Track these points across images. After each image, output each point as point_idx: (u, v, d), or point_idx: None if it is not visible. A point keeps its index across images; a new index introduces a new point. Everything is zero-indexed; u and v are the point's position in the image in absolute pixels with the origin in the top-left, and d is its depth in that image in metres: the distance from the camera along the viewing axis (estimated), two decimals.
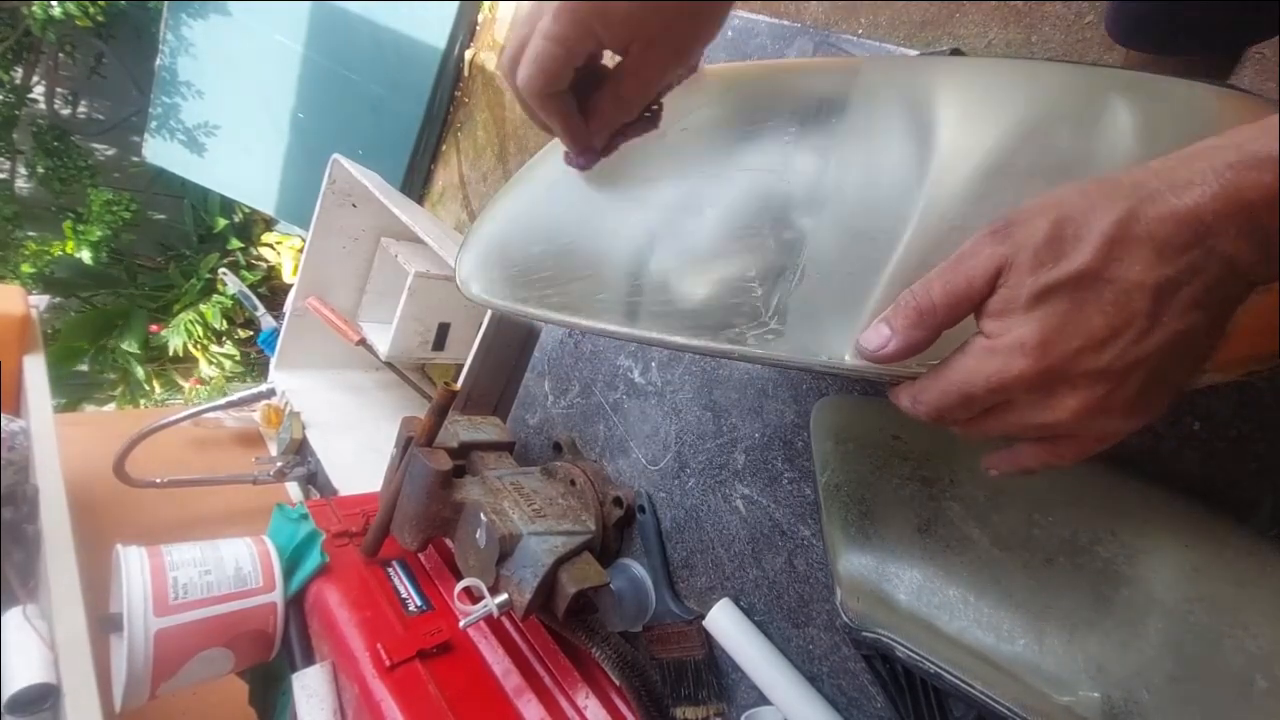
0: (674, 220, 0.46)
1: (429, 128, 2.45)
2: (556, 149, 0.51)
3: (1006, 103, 0.40)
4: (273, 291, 2.92)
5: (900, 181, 0.40)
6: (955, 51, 0.54)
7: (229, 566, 0.78)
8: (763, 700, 0.66)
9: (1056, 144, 0.38)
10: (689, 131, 0.49)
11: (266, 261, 2.95)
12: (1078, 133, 0.38)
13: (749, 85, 0.49)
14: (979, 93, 0.41)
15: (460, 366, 1.41)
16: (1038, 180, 0.37)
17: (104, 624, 0.74)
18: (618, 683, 0.72)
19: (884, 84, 0.44)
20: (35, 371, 1.12)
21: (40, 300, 1.27)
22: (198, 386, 2.86)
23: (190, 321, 2.75)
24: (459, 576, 0.73)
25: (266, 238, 2.94)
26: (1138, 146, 0.37)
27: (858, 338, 0.36)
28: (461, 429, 0.89)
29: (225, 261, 2.90)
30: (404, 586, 0.83)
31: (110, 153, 3.21)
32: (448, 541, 0.81)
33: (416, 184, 2.55)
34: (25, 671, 0.69)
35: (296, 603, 0.82)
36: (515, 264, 0.50)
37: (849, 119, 0.44)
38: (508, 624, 0.81)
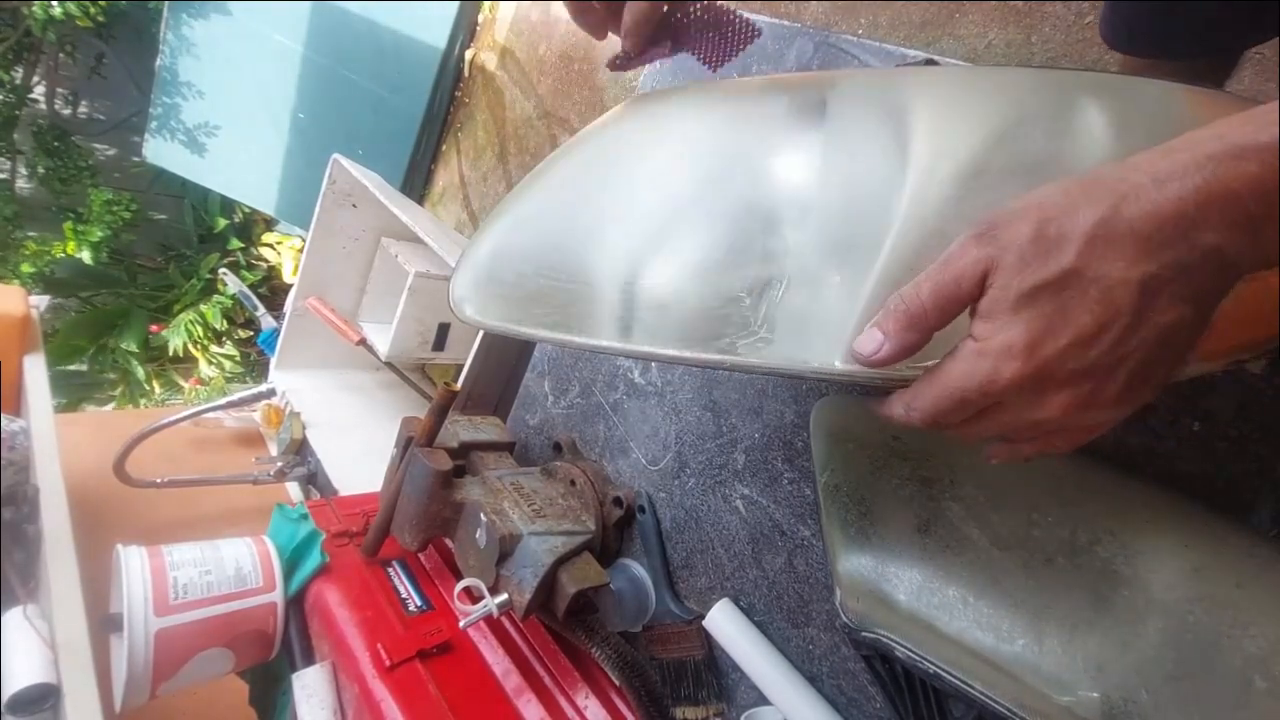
0: (662, 236, 0.47)
1: (429, 128, 2.45)
2: (547, 168, 0.52)
3: (980, 109, 0.40)
4: (273, 291, 2.93)
5: (881, 189, 0.41)
6: (929, 61, 0.55)
7: (229, 566, 0.78)
8: (763, 700, 0.66)
9: (1030, 147, 0.39)
10: (672, 149, 0.50)
11: (266, 261, 2.95)
12: (1050, 135, 0.38)
13: (728, 102, 0.50)
14: (953, 101, 0.42)
15: (460, 366, 1.41)
16: (1014, 182, 0.38)
17: (104, 624, 0.74)
18: (618, 683, 0.72)
19: (861, 96, 0.45)
20: (35, 371, 1.13)
21: (40, 300, 1.27)
22: (198, 386, 2.87)
23: (190, 321, 2.75)
24: (459, 576, 0.74)
25: (266, 238, 2.94)
26: (1109, 146, 0.37)
27: (851, 343, 0.36)
28: (462, 429, 0.89)
29: (225, 261, 2.91)
30: (404, 586, 0.83)
31: (110, 153, 3.21)
32: (448, 541, 0.81)
33: (417, 184, 2.55)
34: (25, 671, 0.69)
35: (296, 603, 0.82)
36: (507, 285, 0.51)
37: (828, 131, 0.44)
38: (508, 624, 0.81)
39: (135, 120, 2.90)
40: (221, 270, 2.07)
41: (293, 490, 1.52)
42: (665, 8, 0.48)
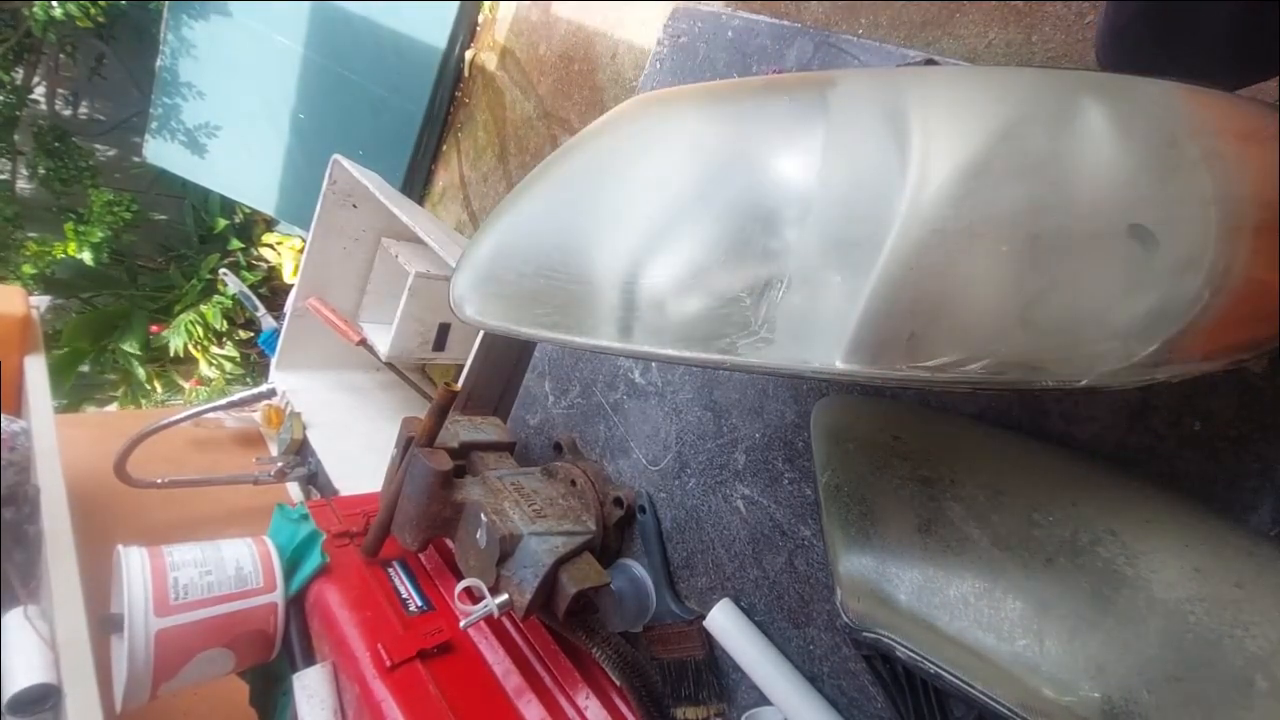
0: (662, 236, 0.47)
1: (429, 128, 2.45)
2: (548, 168, 0.52)
3: (980, 109, 0.40)
4: (273, 292, 2.93)
5: (881, 189, 0.41)
6: (929, 61, 0.55)
7: (230, 567, 0.78)
8: (763, 700, 0.66)
9: (1030, 146, 0.39)
10: (673, 148, 0.50)
11: (267, 262, 2.95)
12: (1050, 134, 0.38)
13: (728, 102, 0.50)
14: (954, 100, 0.42)
15: (461, 367, 1.41)
16: (1014, 182, 0.38)
17: (105, 624, 0.74)
18: (618, 683, 0.72)
19: (861, 95, 0.45)
20: (36, 372, 1.13)
21: (41, 301, 1.27)
22: (198, 387, 2.87)
23: (191, 322, 2.75)
24: (459, 576, 0.74)
25: (267, 238, 2.94)
26: (1109, 144, 0.37)
27: None
28: (462, 429, 0.89)
29: (226, 262, 2.91)
30: (404, 586, 0.83)
31: (111, 153, 3.21)
32: (448, 541, 0.81)
33: (417, 184, 2.55)
34: (26, 672, 0.69)
35: (297, 603, 0.82)
36: (507, 285, 0.51)
37: (828, 131, 0.44)
38: (508, 624, 0.81)
39: (135, 121, 2.90)
40: (222, 270, 2.07)
41: (293, 490, 1.52)
42: None
